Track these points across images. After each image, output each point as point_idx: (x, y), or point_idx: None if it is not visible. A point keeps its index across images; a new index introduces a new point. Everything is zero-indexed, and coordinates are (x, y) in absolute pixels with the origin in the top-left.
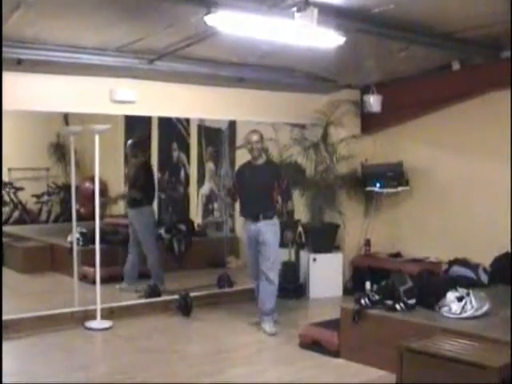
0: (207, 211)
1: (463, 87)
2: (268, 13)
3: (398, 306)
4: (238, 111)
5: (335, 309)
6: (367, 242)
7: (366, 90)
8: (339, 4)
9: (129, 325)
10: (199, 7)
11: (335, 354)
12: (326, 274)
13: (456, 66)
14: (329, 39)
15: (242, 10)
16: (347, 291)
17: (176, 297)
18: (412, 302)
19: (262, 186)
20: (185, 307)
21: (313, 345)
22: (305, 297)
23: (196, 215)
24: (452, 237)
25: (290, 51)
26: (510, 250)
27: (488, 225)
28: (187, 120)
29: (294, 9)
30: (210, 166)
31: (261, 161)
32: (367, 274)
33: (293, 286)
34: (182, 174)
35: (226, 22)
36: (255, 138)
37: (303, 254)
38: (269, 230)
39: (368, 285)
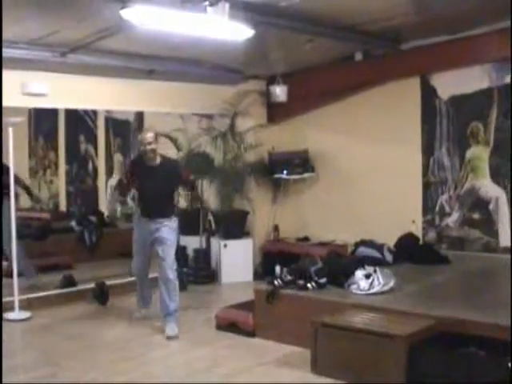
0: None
1: (366, 77)
2: (181, 7)
3: (309, 285)
4: (146, 103)
5: (247, 292)
6: (276, 228)
7: (271, 80)
8: None
9: (48, 315)
10: (114, 1)
11: (251, 334)
12: (236, 260)
13: (359, 56)
14: (238, 32)
15: (157, 4)
16: (258, 276)
17: (92, 286)
18: (323, 280)
19: (160, 187)
20: (101, 296)
21: (229, 326)
22: (217, 282)
23: (105, 207)
24: (357, 220)
25: (199, 44)
26: (411, 231)
27: (391, 207)
28: (94, 112)
29: (207, 3)
30: (118, 157)
31: (157, 161)
32: (276, 259)
33: (205, 271)
34: (90, 166)
35: (140, 16)
36: (148, 138)
37: (214, 240)
38: (167, 229)
39: (278, 269)
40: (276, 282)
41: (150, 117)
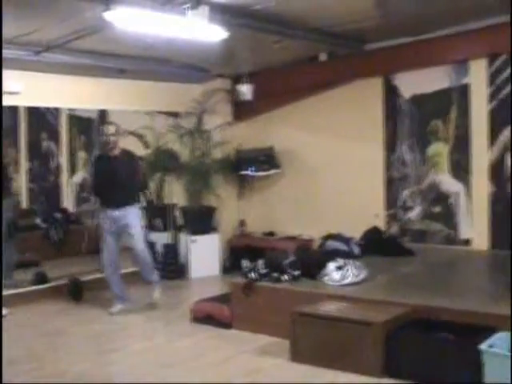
0: (81, 199)
1: (330, 76)
2: (161, 9)
3: (284, 278)
4: (116, 101)
5: (216, 286)
6: (242, 223)
7: (237, 79)
8: (224, 1)
9: (24, 311)
10: (93, 2)
11: (227, 325)
12: (205, 255)
13: (323, 56)
14: (215, 34)
15: (138, 6)
16: (225, 270)
17: (64, 282)
18: (297, 273)
19: (121, 176)
20: (75, 291)
21: (205, 319)
22: (186, 277)
23: (69, 204)
24: (322, 214)
25: (170, 43)
26: (378, 224)
27: (355, 202)
28: (57, 109)
29: (187, 6)
30: (81, 154)
31: (116, 151)
32: (243, 253)
33: (174, 266)
34: (53, 163)
35: (123, 18)
36: (111, 129)
37: (183, 236)
38: (131, 213)
39: (244, 263)
40: (251, 275)
41: (114, 114)
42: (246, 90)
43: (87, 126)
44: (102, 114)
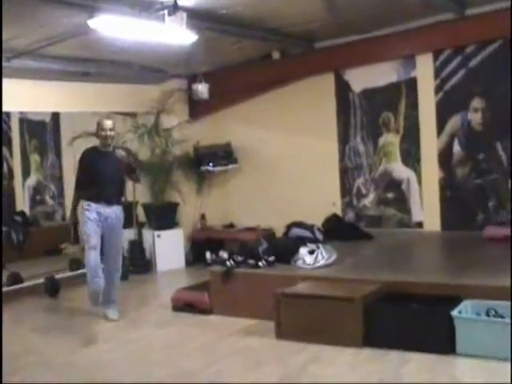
0: (36, 202)
1: (283, 74)
2: (140, 16)
3: (260, 264)
4: (77, 103)
5: (183, 277)
6: (202, 217)
7: (193, 78)
8: (193, 6)
9: (5, 311)
10: (78, 11)
11: (208, 311)
12: (169, 249)
13: (276, 55)
14: (186, 38)
15: (119, 14)
16: (188, 263)
17: (39, 281)
18: (271, 258)
19: (114, 172)
20: (52, 289)
21: (185, 307)
22: (153, 270)
23: (23, 207)
24: (280, 205)
25: (136, 47)
26: (336, 212)
27: (312, 192)
28: (7, 113)
29: (165, 12)
30: (35, 157)
31: (111, 147)
32: (205, 246)
33: (141, 261)
34: (5, 167)
35: (106, 26)
36: (110, 124)
37: (148, 231)
38: (119, 216)
39: (208, 254)
40: (228, 263)
41: (67, 117)
42: (202, 89)
43: (40, 130)
44: (55, 117)
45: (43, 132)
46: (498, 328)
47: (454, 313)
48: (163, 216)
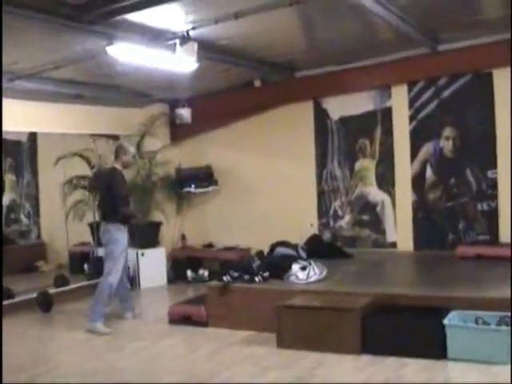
0: (10, 220)
1: (264, 101)
2: (152, 45)
3: (256, 279)
4: (66, 124)
5: (166, 294)
6: (183, 237)
7: (175, 103)
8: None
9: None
10: (97, 37)
11: (204, 324)
12: (152, 267)
13: (257, 83)
14: (188, 65)
15: (134, 42)
16: (170, 280)
17: (32, 296)
18: (266, 274)
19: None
20: (45, 303)
21: (182, 320)
22: (136, 287)
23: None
24: (258, 226)
25: (132, 72)
26: (317, 232)
27: (289, 214)
28: None
29: (177, 42)
30: (9, 177)
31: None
32: (185, 264)
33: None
34: None
35: (122, 52)
36: (132, 151)
37: (131, 250)
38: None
39: (189, 272)
40: (225, 278)
41: (44, 137)
42: (185, 114)
43: (16, 149)
44: (32, 137)
45: (19, 152)
46: (487, 335)
47: (446, 321)
48: (147, 235)
